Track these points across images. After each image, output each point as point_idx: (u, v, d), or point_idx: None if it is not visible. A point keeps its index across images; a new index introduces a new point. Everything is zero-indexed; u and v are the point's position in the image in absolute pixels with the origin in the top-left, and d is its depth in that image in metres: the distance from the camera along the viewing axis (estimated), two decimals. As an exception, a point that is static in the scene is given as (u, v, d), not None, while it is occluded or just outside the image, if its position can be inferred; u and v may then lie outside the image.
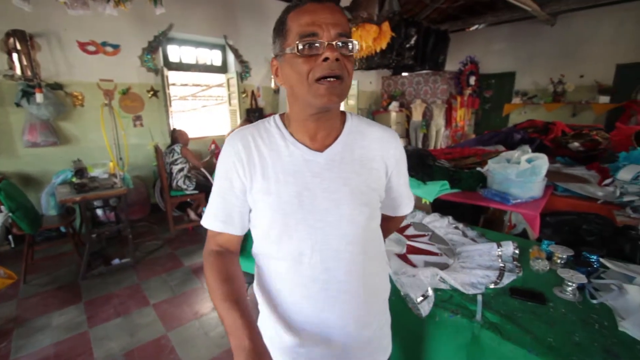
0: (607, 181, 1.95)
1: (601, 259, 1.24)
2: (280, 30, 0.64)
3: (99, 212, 3.34)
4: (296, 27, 0.61)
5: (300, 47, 0.60)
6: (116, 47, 3.73)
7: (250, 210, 0.72)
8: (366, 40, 3.05)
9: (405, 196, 0.84)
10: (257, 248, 0.75)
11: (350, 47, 0.61)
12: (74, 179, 2.87)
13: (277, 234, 0.68)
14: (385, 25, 3.08)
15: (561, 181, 2.10)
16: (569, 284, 1.09)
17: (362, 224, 0.69)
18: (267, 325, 0.76)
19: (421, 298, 1.07)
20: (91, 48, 3.56)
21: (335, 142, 0.70)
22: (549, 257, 1.32)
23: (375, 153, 0.73)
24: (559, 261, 1.28)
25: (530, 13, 5.30)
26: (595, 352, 0.86)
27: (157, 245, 3.35)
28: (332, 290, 0.68)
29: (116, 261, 2.89)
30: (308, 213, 0.66)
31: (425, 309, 1.06)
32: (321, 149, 0.69)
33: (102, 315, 2.23)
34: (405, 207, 0.86)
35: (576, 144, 2.98)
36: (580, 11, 5.70)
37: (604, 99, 5.57)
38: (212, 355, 1.87)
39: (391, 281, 1.19)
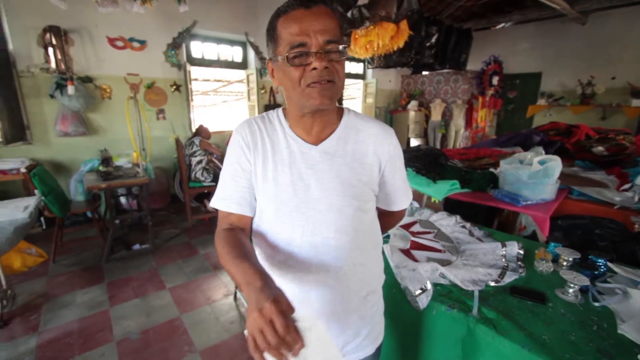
0: (626, 186, 1.89)
1: (609, 263, 1.22)
2: (271, 35, 0.67)
3: (123, 200, 3.52)
4: (286, 36, 0.63)
5: (290, 57, 0.62)
6: (142, 42, 3.90)
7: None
8: (383, 38, 3.05)
9: (400, 192, 0.85)
10: (255, 234, 0.80)
11: (340, 52, 0.64)
12: (101, 167, 3.05)
13: (271, 218, 0.73)
14: (403, 24, 3.07)
15: (577, 185, 2.05)
16: (571, 285, 1.09)
17: (350, 214, 0.72)
18: None
19: (419, 291, 1.10)
20: (119, 43, 3.74)
21: (330, 137, 0.74)
22: (555, 259, 1.31)
23: (369, 148, 0.75)
24: (564, 263, 1.27)
25: (560, 11, 5.11)
26: (589, 352, 0.86)
27: (175, 233, 3.50)
28: (320, 274, 0.72)
29: (137, 247, 3.05)
30: (301, 201, 0.71)
31: (423, 302, 1.09)
32: (316, 142, 0.73)
33: (121, 295, 2.37)
34: (400, 202, 0.87)
35: (600, 148, 2.87)
36: (613, 10, 5.43)
37: (637, 102, 5.30)
38: (221, 339, 1.96)
39: (392, 274, 1.22)
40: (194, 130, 4.35)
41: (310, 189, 0.71)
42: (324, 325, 0.73)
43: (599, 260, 1.24)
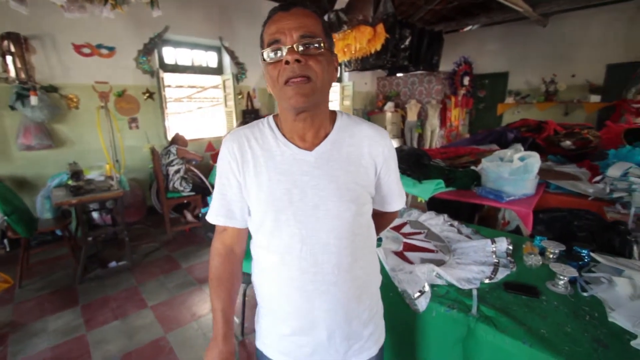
0: (597, 178, 2.00)
1: (592, 254, 1.27)
2: (260, 41, 0.70)
3: (95, 215, 3.32)
4: (266, 37, 0.66)
5: (266, 55, 0.65)
6: (111, 49, 3.72)
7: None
8: (361, 41, 3.09)
9: (395, 193, 0.86)
10: (253, 242, 0.79)
11: (314, 46, 0.64)
12: (70, 182, 2.86)
13: (269, 228, 0.72)
14: (380, 27, 3.12)
15: (553, 179, 2.15)
16: (561, 277, 1.12)
17: (349, 219, 0.72)
18: (263, 315, 0.81)
19: (418, 294, 1.10)
20: (86, 50, 3.55)
21: (324, 141, 0.73)
22: (542, 252, 1.35)
23: (364, 151, 0.75)
24: (551, 256, 1.31)
25: (523, 14, 5.38)
26: (585, 341, 0.89)
27: (154, 247, 3.34)
28: (321, 282, 0.71)
29: (113, 264, 2.88)
30: (297, 209, 0.70)
31: (422, 304, 1.08)
32: (310, 148, 0.72)
33: (99, 318, 2.22)
34: (395, 203, 0.88)
35: (568, 142, 3.03)
36: (571, 12, 5.79)
37: (595, 98, 5.66)
38: (211, 356, 1.87)
39: (389, 277, 1.21)
40: (169, 138, 4.20)
41: (306, 196, 0.70)
42: (326, 335, 0.74)
43: (583, 251, 1.29)
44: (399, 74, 7.26)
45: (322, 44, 0.65)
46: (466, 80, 6.92)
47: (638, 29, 5.34)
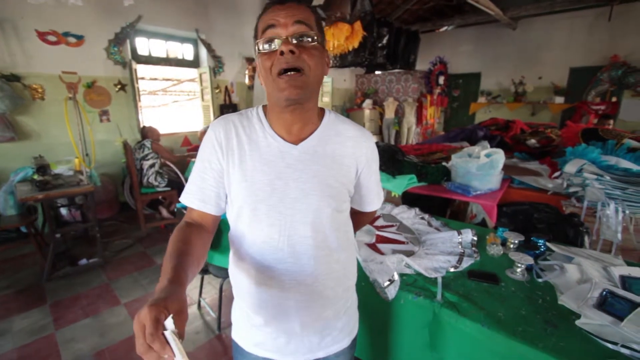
0: (556, 174, 2.15)
1: (547, 243, 1.38)
2: (254, 32, 0.71)
3: (64, 211, 3.19)
4: (261, 28, 0.67)
5: (261, 45, 0.66)
6: (80, 37, 3.55)
7: (227, 195, 0.76)
8: (339, 38, 3.12)
9: (374, 193, 0.88)
10: (231, 232, 0.79)
11: (308, 39, 0.65)
12: (36, 176, 2.73)
13: (249, 217, 0.72)
14: (357, 25, 3.16)
15: (517, 174, 2.28)
16: (518, 265, 1.22)
17: (327, 214, 0.73)
18: (239, 306, 0.82)
19: (387, 282, 1.15)
20: (52, 38, 3.37)
21: (310, 136, 0.74)
22: (504, 242, 1.45)
23: (348, 150, 0.76)
24: (511, 246, 1.41)
25: (494, 17, 5.61)
26: (537, 322, 0.98)
27: (128, 244, 3.25)
28: (297, 273, 0.73)
29: (83, 261, 2.78)
30: (278, 200, 0.71)
31: (391, 292, 1.14)
32: (296, 141, 0.73)
33: (69, 316, 2.15)
34: (373, 204, 0.90)
35: (533, 140, 3.22)
36: (538, 17, 6.10)
37: (559, 100, 6.01)
38: (186, 351, 1.86)
39: (360, 268, 1.26)
40: (143, 132, 4.07)
41: (288, 188, 0.71)
42: (299, 325, 0.75)
43: (539, 240, 1.40)
44: (377, 72, 7.37)
45: (315, 38, 0.66)
46: (441, 80, 7.13)
47: (597, 35, 5.70)
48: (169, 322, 0.46)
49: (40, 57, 3.33)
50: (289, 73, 0.64)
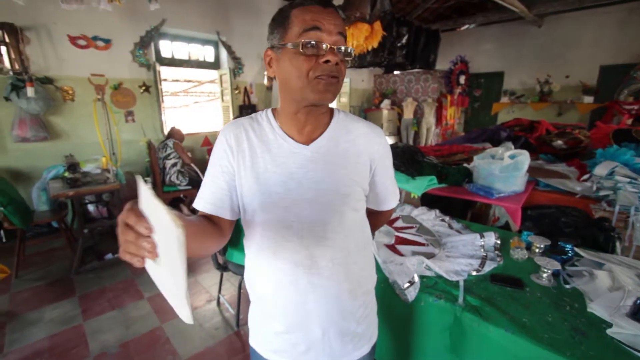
0: (585, 177, 2.06)
1: (575, 248, 1.33)
2: (281, 22, 0.66)
3: (91, 207, 3.33)
4: (299, 22, 0.63)
5: (303, 44, 0.62)
6: (107, 41, 3.71)
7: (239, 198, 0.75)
8: (358, 39, 3.11)
9: (390, 191, 0.86)
10: (245, 237, 0.78)
11: (348, 51, 0.66)
12: (67, 174, 2.87)
13: (263, 220, 0.71)
14: (377, 24, 3.14)
15: (543, 177, 2.20)
16: (545, 270, 1.17)
17: (343, 214, 0.72)
18: (257, 312, 0.80)
19: (407, 284, 1.14)
20: (82, 42, 3.54)
21: (321, 136, 0.73)
22: (528, 246, 1.40)
23: (360, 148, 0.76)
24: (537, 250, 1.36)
25: (518, 14, 5.43)
26: (564, 329, 0.94)
27: (150, 240, 3.36)
28: (315, 275, 0.71)
29: (109, 256, 2.90)
30: (293, 202, 0.70)
31: (411, 294, 1.13)
32: (307, 142, 0.73)
33: (96, 308, 2.25)
34: (390, 202, 0.89)
35: (559, 142, 3.10)
36: (565, 13, 5.86)
37: (588, 99, 5.75)
38: (206, 346, 1.91)
39: (380, 269, 1.25)
40: (165, 132, 4.20)
41: (302, 189, 0.70)
42: (320, 331, 0.73)
43: (567, 245, 1.34)
44: (395, 72, 7.30)
45: (350, 52, 0.67)
46: (462, 79, 6.97)
47: (629, 32, 5.42)
48: (144, 185, 0.43)
49: (71, 60, 3.50)
50: (329, 77, 0.64)
